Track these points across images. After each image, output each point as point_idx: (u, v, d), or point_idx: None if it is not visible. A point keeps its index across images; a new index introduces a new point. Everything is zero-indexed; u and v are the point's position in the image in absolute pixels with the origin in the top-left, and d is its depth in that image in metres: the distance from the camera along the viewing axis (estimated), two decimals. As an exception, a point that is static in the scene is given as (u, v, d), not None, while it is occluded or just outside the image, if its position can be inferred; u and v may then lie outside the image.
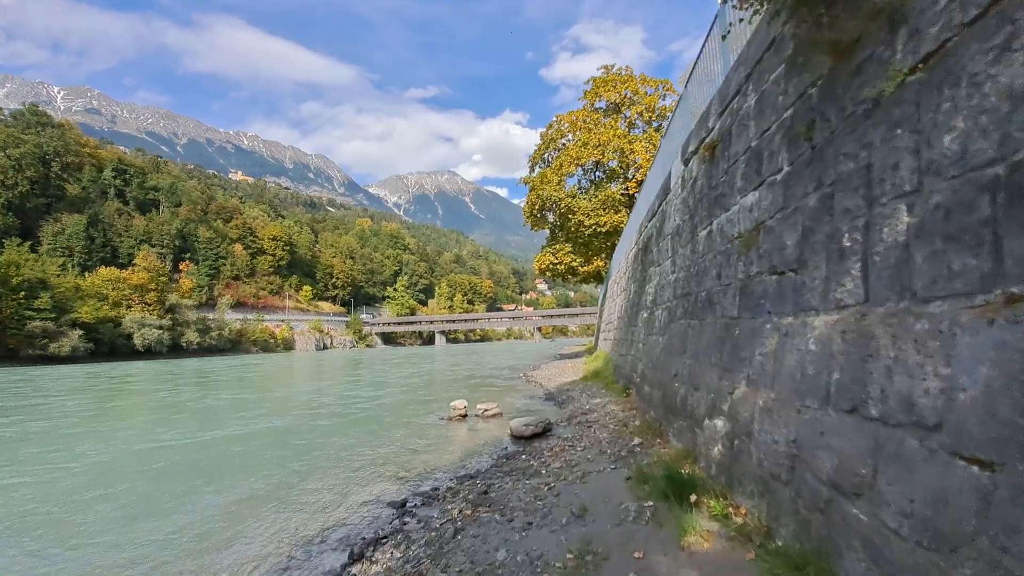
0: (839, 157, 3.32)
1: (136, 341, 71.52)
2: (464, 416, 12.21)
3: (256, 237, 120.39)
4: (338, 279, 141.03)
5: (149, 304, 76.32)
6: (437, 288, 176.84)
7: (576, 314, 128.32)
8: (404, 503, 5.93)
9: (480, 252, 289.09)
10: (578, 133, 31.63)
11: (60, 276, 70.12)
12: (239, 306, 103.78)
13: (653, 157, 13.90)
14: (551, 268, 34.01)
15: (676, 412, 6.83)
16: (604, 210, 29.57)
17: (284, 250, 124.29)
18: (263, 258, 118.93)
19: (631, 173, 30.74)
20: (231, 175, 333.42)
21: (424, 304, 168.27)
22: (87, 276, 76.00)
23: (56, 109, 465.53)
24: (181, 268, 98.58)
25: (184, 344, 79.08)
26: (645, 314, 11.84)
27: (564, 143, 32.89)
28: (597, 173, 32.29)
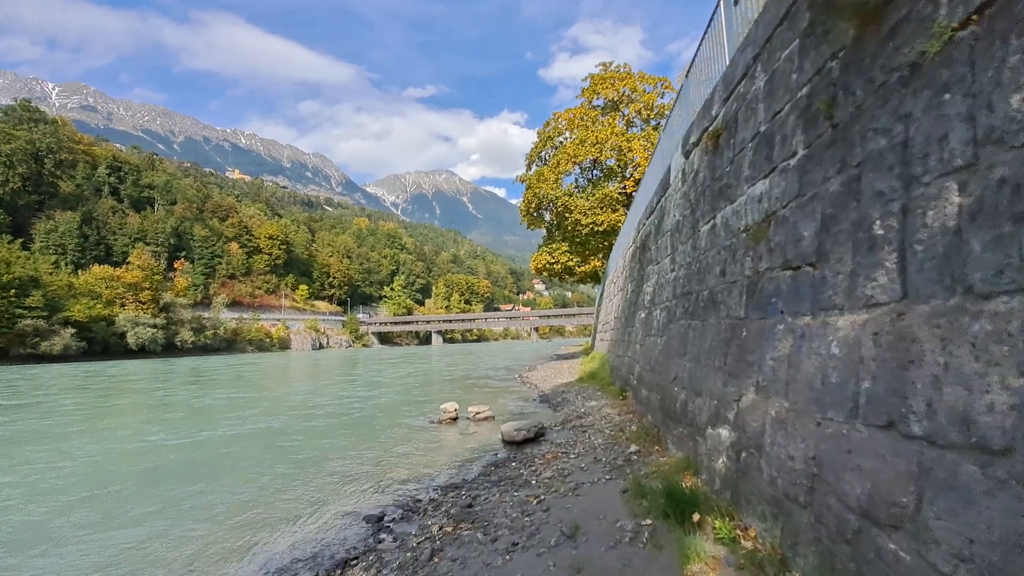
0: (867, 134, 2.90)
1: (130, 340, 70.96)
2: (455, 419, 11.75)
3: (252, 236, 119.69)
4: (335, 278, 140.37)
5: (143, 303, 75.66)
6: (434, 288, 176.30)
7: (573, 314, 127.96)
8: (382, 517, 5.48)
9: (477, 252, 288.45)
10: (575, 131, 31.18)
11: (52, 274, 69.42)
12: (235, 305, 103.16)
13: (651, 153, 13.48)
14: (547, 268, 33.49)
15: (675, 418, 6.41)
16: (601, 209, 29.14)
17: (280, 249, 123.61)
18: (259, 257, 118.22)
19: (629, 172, 30.32)
20: (228, 173, 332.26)
21: (421, 304, 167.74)
22: (80, 274, 75.27)
23: (51, 106, 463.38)
24: (176, 267, 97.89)
25: (178, 343, 78.54)
26: (643, 314, 11.43)
27: (561, 141, 32.43)
28: (594, 171, 31.85)
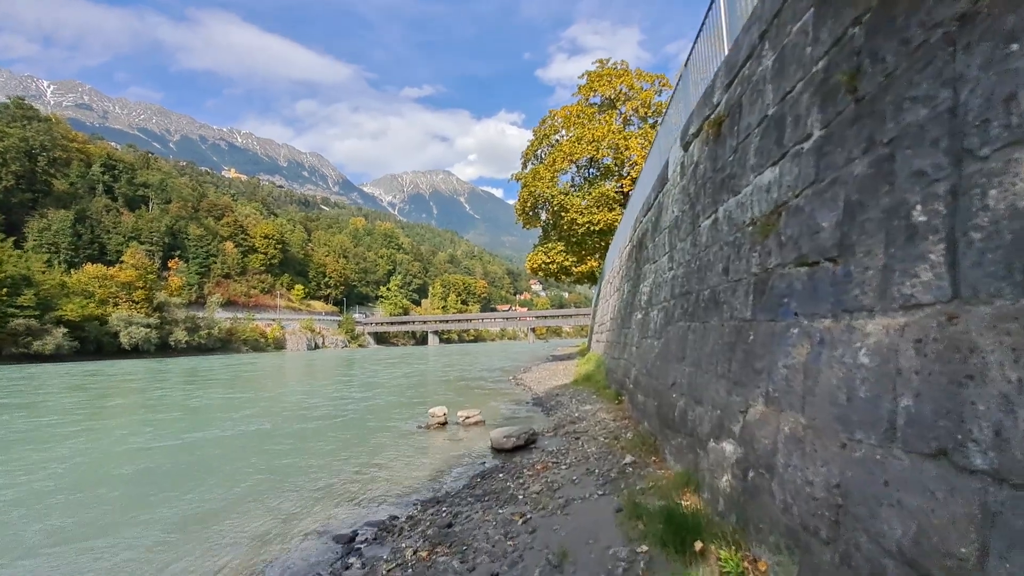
0: (902, 105, 2.46)
1: (123, 339, 70.23)
2: (444, 424, 11.28)
3: (248, 235, 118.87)
4: (331, 278, 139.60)
5: (137, 302, 74.88)
6: (431, 288, 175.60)
7: (570, 315, 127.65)
8: (353, 537, 5.01)
9: (475, 252, 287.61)
10: (572, 128, 30.74)
11: (45, 273, 68.57)
12: (229, 305, 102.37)
13: (648, 151, 13.06)
14: (543, 267, 33.01)
15: (674, 427, 5.97)
16: (598, 208, 28.72)
17: (276, 248, 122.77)
18: (255, 256, 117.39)
19: (626, 170, 29.91)
20: (224, 172, 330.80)
21: (418, 304, 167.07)
22: (73, 273, 74.41)
23: (46, 104, 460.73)
24: (170, 266, 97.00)
25: (172, 343, 77.78)
26: (639, 315, 10.99)
27: (558, 139, 31.99)
28: (591, 170, 31.41)
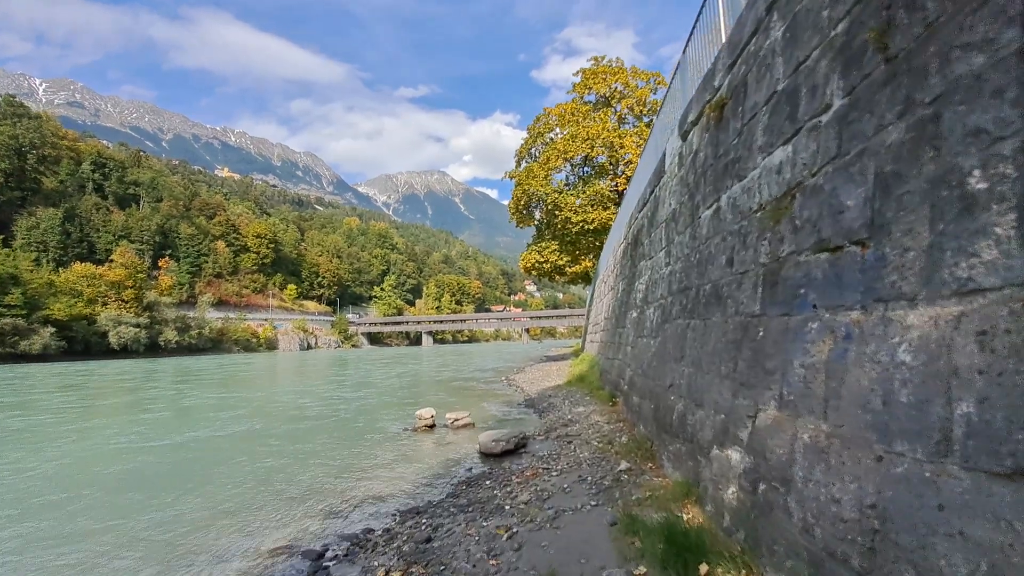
0: (951, 55, 2.08)
1: (111, 339, 69.23)
2: (431, 426, 10.84)
3: (240, 234, 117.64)
4: (324, 278, 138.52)
5: (126, 301, 73.89)
6: (425, 288, 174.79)
7: (564, 315, 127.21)
8: (323, 553, 4.58)
9: (469, 253, 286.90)
10: (566, 127, 30.38)
11: (33, 272, 67.51)
12: (221, 304, 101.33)
13: (643, 149, 12.70)
14: (536, 267, 32.58)
15: (672, 432, 5.59)
16: (592, 207, 28.37)
17: (269, 248, 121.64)
18: (247, 256, 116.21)
19: (620, 169, 29.59)
20: (217, 171, 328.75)
21: (412, 304, 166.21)
22: (61, 272, 73.31)
23: (38, 101, 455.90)
24: (160, 265, 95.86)
25: (162, 343, 76.80)
26: (634, 314, 10.61)
27: (552, 137, 31.62)
28: (585, 168, 31.06)
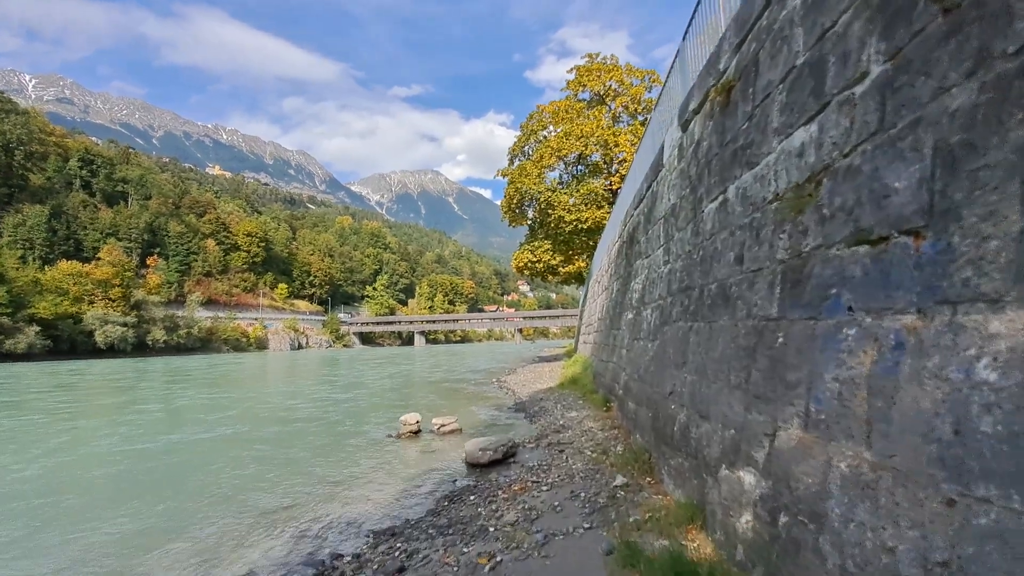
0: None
1: (98, 338, 68.20)
2: (417, 432, 10.35)
3: (230, 233, 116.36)
4: (315, 277, 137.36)
5: (113, 300, 72.73)
6: (418, 288, 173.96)
7: (557, 316, 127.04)
8: (283, 584, 4.13)
9: (462, 252, 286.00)
10: (560, 124, 29.99)
11: (19, 269, 66.35)
12: (210, 303, 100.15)
13: (638, 148, 12.30)
14: (529, 266, 32.14)
15: (672, 444, 5.14)
16: (586, 206, 28.00)
17: (259, 246, 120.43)
18: (237, 254, 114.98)
19: (615, 168, 29.25)
20: (208, 169, 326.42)
21: (404, 304, 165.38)
22: (47, 270, 72.06)
23: (27, 97, 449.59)
24: (149, 263, 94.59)
25: (150, 342, 75.79)
26: (630, 315, 10.16)
27: (545, 135, 31.20)
28: (579, 167, 30.67)
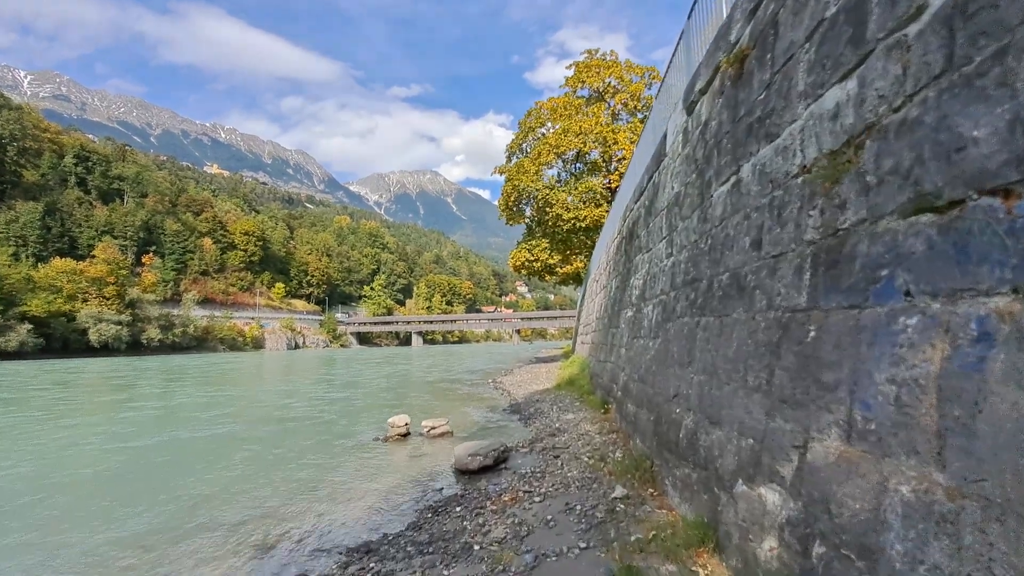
0: None
1: (92, 337, 67.58)
2: (405, 435, 9.85)
3: (227, 231, 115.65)
4: (313, 277, 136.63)
5: (107, 298, 72.02)
6: (416, 288, 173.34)
7: (555, 317, 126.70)
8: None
9: (461, 253, 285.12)
10: (559, 121, 29.52)
11: (11, 267, 65.64)
12: (207, 302, 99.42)
13: (638, 138, 11.86)
14: (526, 265, 31.64)
15: (678, 452, 4.65)
16: (584, 204, 27.53)
17: (256, 245, 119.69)
18: (234, 253, 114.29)
19: (613, 166, 28.83)
20: (206, 168, 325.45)
21: (402, 304, 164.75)
22: (40, 267, 71.36)
23: (22, 94, 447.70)
24: (144, 261, 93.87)
25: (145, 341, 75.14)
26: (629, 312, 9.68)
27: (543, 132, 30.74)
28: (577, 164, 30.21)
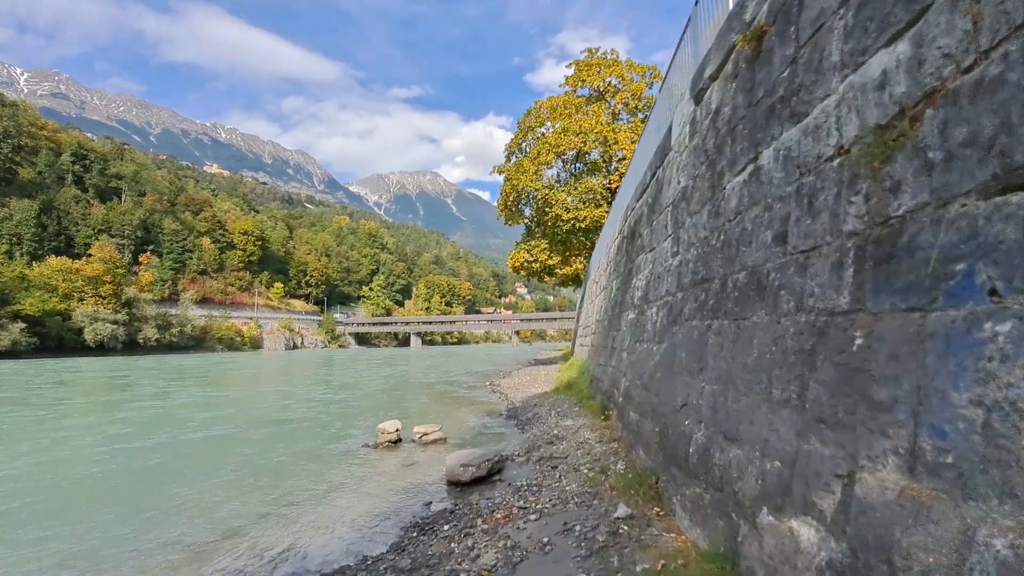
0: None
1: (87, 336, 67.00)
2: (396, 442, 9.42)
3: (226, 231, 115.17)
4: (312, 277, 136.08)
5: (103, 297, 71.48)
6: (415, 289, 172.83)
7: (554, 318, 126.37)
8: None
9: (460, 254, 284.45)
10: (558, 120, 29.14)
11: (5, 265, 65.15)
12: (205, 302, 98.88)
13: (640, 138, 11.47)
14: (525, 266, 31.24)
15: (687, 469, 4.23)
16: (584, 204, 27.14)
17: (256, 245, 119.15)
18: (233, 253, 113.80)
19: (614, 166, 28.45)
20: (206, 167, 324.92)
21: (401, 305, 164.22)
22: (35, 266, 70.83)
23: (19, 92, 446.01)
24: (141, 260, 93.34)
25: (141, 340, 74.56)
26: (631, 315, 9.26)
27: (543, 132, 30.35)
28: (577, 164, 29.82)
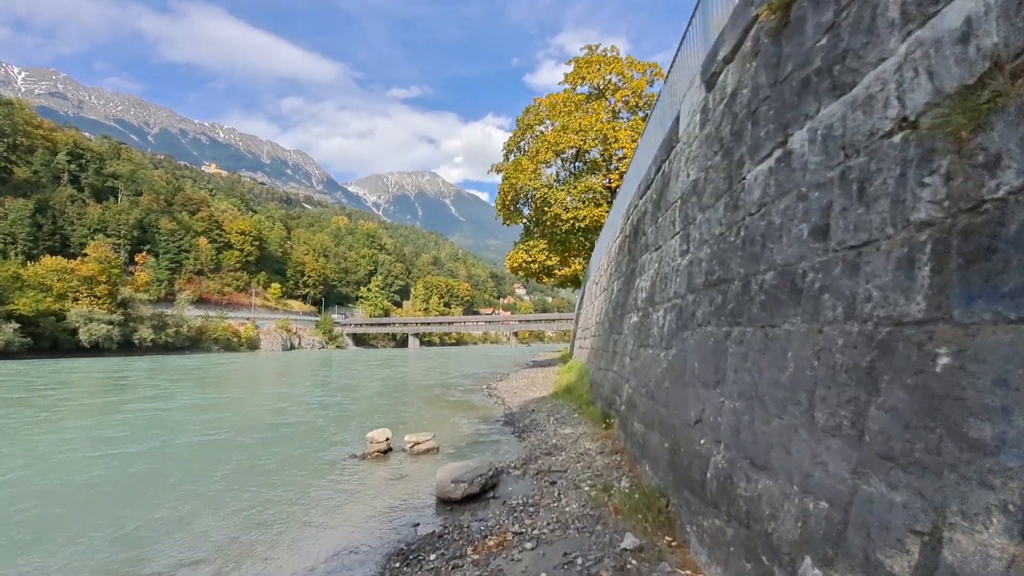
0: None
1: (82, 336, 66.35)
2: (386, 451, 8.89)
3: (224, 231, 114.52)
4: (310, 277, 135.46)
5: (99, 297, 70.85)
6: (413, 290, 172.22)
7: (553, 319, 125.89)
8: None
9: (459, 255, 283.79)
10: (557, 118, 28.64)
11: (-1, 264, 64.59)
12: (201, 302, 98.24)
13: (640, 136, 11.00)
14: (524, 266, 30.70)
15: (704, 496, 3.71)
16: (583, 204, 26.63)
17: (253, 245, 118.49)
18: (230, 253, 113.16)
19: (614, 165, 27.95)
20: (204, 167, 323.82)
21: (399, 305, 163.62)
22: (30, 266, 70.18)
23: (16, 90, 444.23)
24: (137, 260, 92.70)
25: (137, 341, 73.96)
26: (635, 317, 8.74)
27: (542, 130, 29.84)
28: (577, 163, 29.30)
